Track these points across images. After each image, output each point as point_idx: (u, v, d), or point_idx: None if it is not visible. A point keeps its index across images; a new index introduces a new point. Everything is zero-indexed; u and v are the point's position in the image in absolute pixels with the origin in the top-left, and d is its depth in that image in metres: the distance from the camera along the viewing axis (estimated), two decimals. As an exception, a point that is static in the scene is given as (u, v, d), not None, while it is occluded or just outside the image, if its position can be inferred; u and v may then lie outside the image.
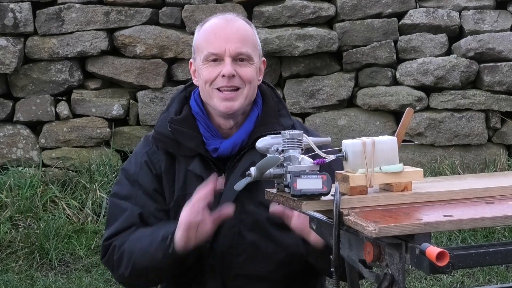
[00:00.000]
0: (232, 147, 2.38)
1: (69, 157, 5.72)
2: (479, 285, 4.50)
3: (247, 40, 2.37)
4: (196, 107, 2.43)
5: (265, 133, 2.31)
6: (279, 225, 2.36)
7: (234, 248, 2.38)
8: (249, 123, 2.41)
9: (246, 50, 2.35)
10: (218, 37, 2.35)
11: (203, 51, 2.36)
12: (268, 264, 2.39)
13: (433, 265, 1.53)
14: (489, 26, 5.89)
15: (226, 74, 2.32)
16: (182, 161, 2.41)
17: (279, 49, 5.67)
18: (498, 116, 5.86)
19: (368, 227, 1.61)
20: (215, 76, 2.34)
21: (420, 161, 5.76)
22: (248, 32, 2.40)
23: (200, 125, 2.42)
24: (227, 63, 2.33)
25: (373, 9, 5.85)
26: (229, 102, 2.35)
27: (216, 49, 2.34)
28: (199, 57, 2.39)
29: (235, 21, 2.39)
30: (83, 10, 5.72)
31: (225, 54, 2.33)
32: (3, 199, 5.27)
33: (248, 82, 2.36)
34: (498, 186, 1.91)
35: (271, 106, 2.46)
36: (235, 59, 2.34)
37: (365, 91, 5.85)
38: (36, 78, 5.74)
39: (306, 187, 1.76)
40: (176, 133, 2.40)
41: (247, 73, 2.35)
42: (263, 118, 2.42)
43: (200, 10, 5.74)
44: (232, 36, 2.35)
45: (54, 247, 4.94)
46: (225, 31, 2.36)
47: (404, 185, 1.84)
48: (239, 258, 2.38)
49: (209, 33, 2.38)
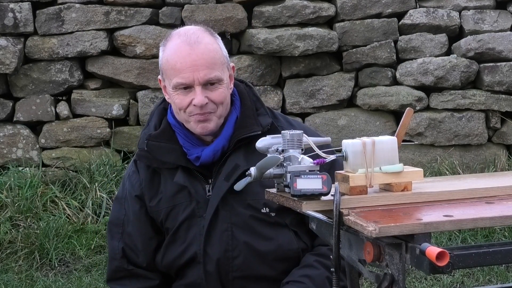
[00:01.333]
0: (214, 153, 2.39)
1: (69, 157, 5.72)
2: (479, 285, 4.50)
3: (215, 62, 2.34)
4: (173, 120, 2.44)
5: (244, 136, 2.36)
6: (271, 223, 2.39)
7: (229, 252, 2.39)
8: (228, 128, 2.41)
9: (214, 75, 2.33)
10: (184, 65, 2.31)
11: (171, 79, 2.35)
12: (264, 263, 2.41)
13: (433, 265, 1.53)
14: (489, 26, 5.89)
15: (198, 104, 2.31)
16: (167, 174, 2.44)
17: (279, 49, 5.67)
18: (498, 116, 5.86)
19: (368, 227, 1.61)
20: (187, 104, 2.34)
21: (420, 161, 5.76)
22: (214, 52, 2.35)
23: (179, 136, 2.43)
24: (198, 93, 2.31)
25: (373, 9, 5.85)
26: (204, 124, 2.35)
27: (185, 79, 2.32)
28: (168, 81, 2.38)
29: (199, 44, 2.33)
30: (83, 10, 5.72)
31: (195, 83, 2.31)
32: (3, 199, 5.27)
33: (220, 103, 2.36)
34: (498, 186, 1.91)
35: (249, 106, 2.45)
36: (205, 84, 2.33)
37: (365, 91, 5.85)
38: (36, 78, 5.74)
39: (306, 187, 1.76)
40: (154, 149, 2.43)
41: (218, 96, 2.35)
42: (242, 121, 2.41)
43: (200, 10, 5.74)
44: (199, 63, 2.31)
45: (54, 247, 4.94)
46: (190, 58, 2.31)
47: (404, 185, 1.84)
48: (235, 260, 2.39)
49: (175, 61, 2.33)
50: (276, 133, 2.17)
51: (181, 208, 2.42)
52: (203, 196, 2.40)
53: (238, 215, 2.39)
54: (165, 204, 2.44)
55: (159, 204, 2.45)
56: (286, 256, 2.42)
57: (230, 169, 2.37)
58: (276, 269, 2.42)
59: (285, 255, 2.42)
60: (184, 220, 2.42)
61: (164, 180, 2.45)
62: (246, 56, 5.80)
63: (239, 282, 2.41)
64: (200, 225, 2.40)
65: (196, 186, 2.41)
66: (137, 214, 2.49)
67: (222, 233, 2.39)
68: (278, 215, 2.40)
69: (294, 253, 2.43)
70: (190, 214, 2.41)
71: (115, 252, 2.52)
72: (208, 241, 2.39)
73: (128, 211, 2.51)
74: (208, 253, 2.39)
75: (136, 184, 2.49)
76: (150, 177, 2.47)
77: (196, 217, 2.41)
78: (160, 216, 2.46)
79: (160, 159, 2.43)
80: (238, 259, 2.39)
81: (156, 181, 2.46)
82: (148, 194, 2.46)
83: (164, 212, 2.44)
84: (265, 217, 2.39)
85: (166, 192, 2.44)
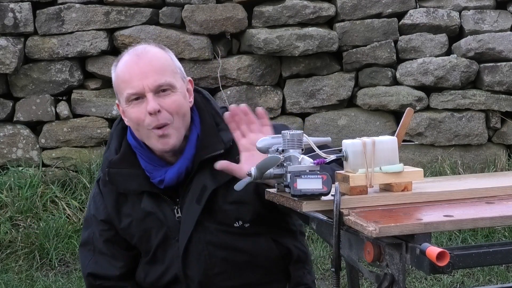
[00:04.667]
0: (178, 175, 2.33)
1: (69, 157, 5.72)
2: (479, 285, 4.50)
3: (164, 69, 2.29)
4: (134, 141, 2.37)
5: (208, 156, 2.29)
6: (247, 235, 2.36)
7: (209, 270, 2.36)
8: (190, 148, 2.33)
9: (164, 80, 2.27)
10: (133, 75, 2.27)
11: (123, 93, 2.29)
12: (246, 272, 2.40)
13: (433, 265, 1.53)
14: (489, 26, 5.89)
15: (151, 111, 2.23)
16: (134, 199, 2.39)
17: (279, 49, 5.67)
18: (498, 116, 5.86)
19: (368, 227, 1.61)
20: (143, 116, 2.26)
21: (420, 161, 5.76)
22: (162, 60, 2.31)
23: (141, 159, 2.36)
24: (150, 99, 2.25)
25: (373, 9, 5.85)
26: (164, 139, 2.27)
27: (135, 88, 2.26)
28: (121, 98, 2.32)
29: (146, 54, 2.30)
30: (83, 10, 5.72)
31: (145, 91, 2.25)
32: (3, 199, 5.27)
33: (176, 113, 2.27)
34: (498, 186, 1.91)
35: (209, 123, 2.36)
36: (156, 91, 2.26)
37: (365, 91, 5.85)
38: (36, 78, 5.74)
39: (306, 187, 1.76)
40: (115, 177, 2.37)
41: (172, 104, 2.27)
42: (203, 140, 2.34)
43: (200, 10, 5.74)
44: (147, 70, 2.26)
45: (54, 247, 4.94)
46: (138, 66, 2.28)
47: (404, 185, 1.84)
48: (217, 277, 2.38)
49: (124, 73, 2.29)
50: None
51: (153, 232, 2.38)
52: (173, 220, 2.36)
53: (212, 233, 2.35)
54: (136, 228, 2.40)
55: (130, 227, 2.41)
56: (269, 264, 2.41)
57: (199, 191, 2.31)
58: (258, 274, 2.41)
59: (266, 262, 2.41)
60: (159, 244, 2.39)
61: (132, 203, 2.40)
62: (246, 56, 5.80)
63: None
64: (176, 248, 2.37)
65: (164, 209, 2.36)
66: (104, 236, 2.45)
67: (199, 254, 2.35)
68: (253, 225, 2.36)
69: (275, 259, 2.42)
70: (163, 238, 2.38)
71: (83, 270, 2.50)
72: (186, 264, 2.36)
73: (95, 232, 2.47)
74: (189, 276, 2.37)
75: (101, 207, 2.44)
76: (115, 201, 2.41)
77: (170, 239, 2.37)
78: (134, 240, 2.42)
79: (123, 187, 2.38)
80: (219, 275, 2.37)
81: (123, 204, 2.41)
82: (116, 218, 2.42)
83: (137, 235, 2.41)
84: (239, 230, 2.36)
85: (135, 215, 2.39)
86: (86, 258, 2.49)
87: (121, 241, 2.45)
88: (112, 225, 2.43)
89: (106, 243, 2.45)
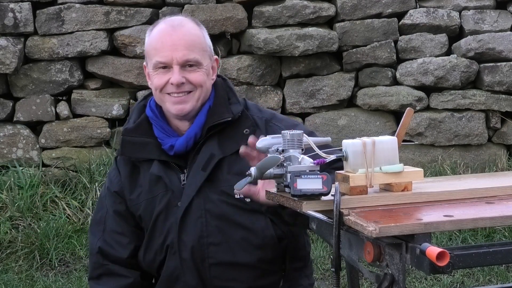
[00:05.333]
0: (187, 142, 2.44)
1: (69, 157, 5.72)
2: (479, 285, 4.50)
3: (194, 45, 2.42)
4: (151, 112, 2.51)
5: (215, 122, 2.42)
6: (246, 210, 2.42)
7: (204, 238, 2.42)
8: (201, 117, 2.46)
9: (193, 57, 2.40)
10: (164, 45, 2.40)
11: (152, 59, 2.43)
12: (240, 250, 2.43)
13: (434, 265, 1.53)
14: (489, 26, 5.89)
15: (174, 83, 2.39)
16: (145, 167, 2.50)
17: (279, 49, 5.67)
18: (498, 116, 5.86)
19: (368, 227, 1.61)
20: (164, 83, 2.41)
21: (420, 161, 5.76)
22: (195, 36, 2.44)
23: (155, 129, 2.49)
24: (175, 71, 2.39)
25: (373, 9, 5.85)
26: (180, 105, 2.41)
27: (164, 58, 2.40)
28: (150, 63, 2.46)
29: (181, 27, 2.42)
30: (83, 10, 5.72)
31: (173, 62, 2.39)
32: (3, 199, 5.27)
33: (199, 85, 2.42)
34: (498, 186, 1.91)
35: (222, 96, 2.50)
36: (183, 65, 2.40)
37: (365, 91, 5.85)
38: (36, 78, 5.74)
39: (306, 187, 1.76)
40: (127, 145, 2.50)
41: (196, 78, 2.41)
42: (213, 109, 2.47)
43: (200, 10, 5.74)
44: (179, 43, 2.39)
45: (54, 247, 4.94)
46: (171, 38, 2.40)
47: (404, 185, 1.84)
48: (210, 247, 2.42)
49: (157, 41, 2.43)
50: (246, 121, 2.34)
51: (157, 199, 2.46)
52: (178, 186, 2.44)
53: (212, 202, 2.42)
54: (144, 196, 2.49)
55: (139, 197, 2.50)
56: (262, 243, 2.43)
57: (206, 159, 2.42)
58: (253, 256, 2.43)
59: (261, 241, 2.43)
60: (161, 211, 2.46)
61: (143, 172, 2.50)
62: (246, 56, 5.80)
63: (215, 269, 2.43)
64: (176, 214, 2.43)
65: (171, 176, 2.45)
66: (116, 209, 2.53)
67: (196, 220, 2.42)
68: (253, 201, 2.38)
69: (270, 240, 2.44)
70: (166, 204, 2.45)
71: (92, 247, 2.56)
72: (182, 229, 2.42)
73: (108, 208, 2.55)
74: (183, 240, 2.42)
75: (115, 180, 2.54)
76: (129, 171, 2.52)
77: (172, 206, 2.44)
78: (140, 210, 2.49)
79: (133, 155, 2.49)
80: (212, 246, 2.42)
81: (136, 174, 2.51)
82: (128, 188, 2.51)
83: (144, 204, 2.48)
84: (239, 203, 2.42)
85: (145, 184, 2.49)
86: (95, 236, 2.56)
87: (129, 217, 2.52)
88: (123, 197, 2.52)
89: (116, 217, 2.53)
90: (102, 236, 2.54)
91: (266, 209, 2.32)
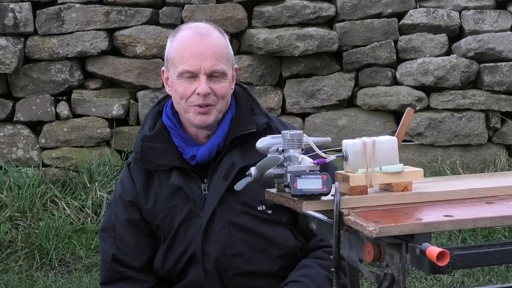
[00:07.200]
0: (209, 152, 2.41)
1: (69, 157, 5.72)
2: (479, 285, 4.50)
3: (222, 56, 2.39)
4: (168, 121, 2.47)
5: (240, 133, 2.40)
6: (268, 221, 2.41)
7: (227, 249, 2.41)
8: (224, 127, 2.44)
9: (220, 68, 2.38)
10: (193, 54, 2.36)
11: (177, 67, 2.38)
12: (262, 260, 2.43)
13: (434, 265, 1.53)
14: (489, 26, 5.89)
15: (202, 93, 2.35)
16: (162, 176, 2.46)
17: (279, 49, 5.67)
18: (498, 116, 5.86)
19: (368, 227, 1.61)
20: (190, 93, 2.37)
21: (420, 161, 5.76)
22: (222, 46, 2.42)
23: (174, 137, 2.45)
24: (202, 81, 2.36)
25: (373, 9, 5.85)
26: (203, 116, 2.38)
27: (192, 67, 2.36)
28: (173, 70, 2.41)
29: (209, 36, 2.39)
30: (83, 10, 5.72)
31: (200, 72, 2.36)
32: (3, 199, 5.27)
33: (222, 97, 2.40)
34: (498, 186, 1.91)
35: (244, 106, 2.49)
36: (210, 75, 2.37)
37: (365, 91, 5.85)
38: (36, 78, 5.74)
39: (306, 187, 1.76)
40: (148, 151, 2.44)
41: (221, 89, 2.38)
42: (237, 120, 2.45)
43: (200, 10, 5.74)
44: (207, 53, 2.36)
45: (54, 247, 4.94)
46: (199, 47, 2.37)
47: (404, 185, 1.84)
48: (233, 258, 2.41)
49: (184, 49, 2.38)
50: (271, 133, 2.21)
51: (178, 209, 2.43)
52: (199, 196, 2.42)
53: (234, 213, 2.41)
54: (161, 206, 2.45)
55: (155, 207, 2.46)
56: (283, 253, 2.44)
57: (227, 168, 2.39)
58: (274, 265, 2.44)
59: (283, 251, 2.44)
60: (182, 221, 2.43)
61: (159, 182, 2.46)
62: (246, 56, 5.80)
63: (238, 279, 2.42)
64: (198, 224, 2.41)
65: (191, 186, 2.42)
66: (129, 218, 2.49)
67: (219, 231, 2.40)
68: (275, 212, 2.42)
69: (291, 250, 2.45)
70: (187, 214, 2.43)
71: (106, 255, 2.53)
72: (206, 240, 2.41)
73: (118, 215, 2.51)
74: (207, 252, 2.41)
75: (129, 189, 2.50)
76: (145, 180, 2.48)
77: (194, 216, 2.42)
78: (158, 219, 2.46)
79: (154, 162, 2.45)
80: (236, 257, 2.41)
81: (150, 183, 2.47)
82: (143, 198, 2.47)
83: (162, 214, 2.45)
84: (261, 215, 2.41)
85: (162, 194, 2.45)
86: (107, 243, 2.53)
87: (144, 226, 2.49)
88: (138, 207, 2.48)
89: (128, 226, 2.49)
90: (115, 243, 2.51)
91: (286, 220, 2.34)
